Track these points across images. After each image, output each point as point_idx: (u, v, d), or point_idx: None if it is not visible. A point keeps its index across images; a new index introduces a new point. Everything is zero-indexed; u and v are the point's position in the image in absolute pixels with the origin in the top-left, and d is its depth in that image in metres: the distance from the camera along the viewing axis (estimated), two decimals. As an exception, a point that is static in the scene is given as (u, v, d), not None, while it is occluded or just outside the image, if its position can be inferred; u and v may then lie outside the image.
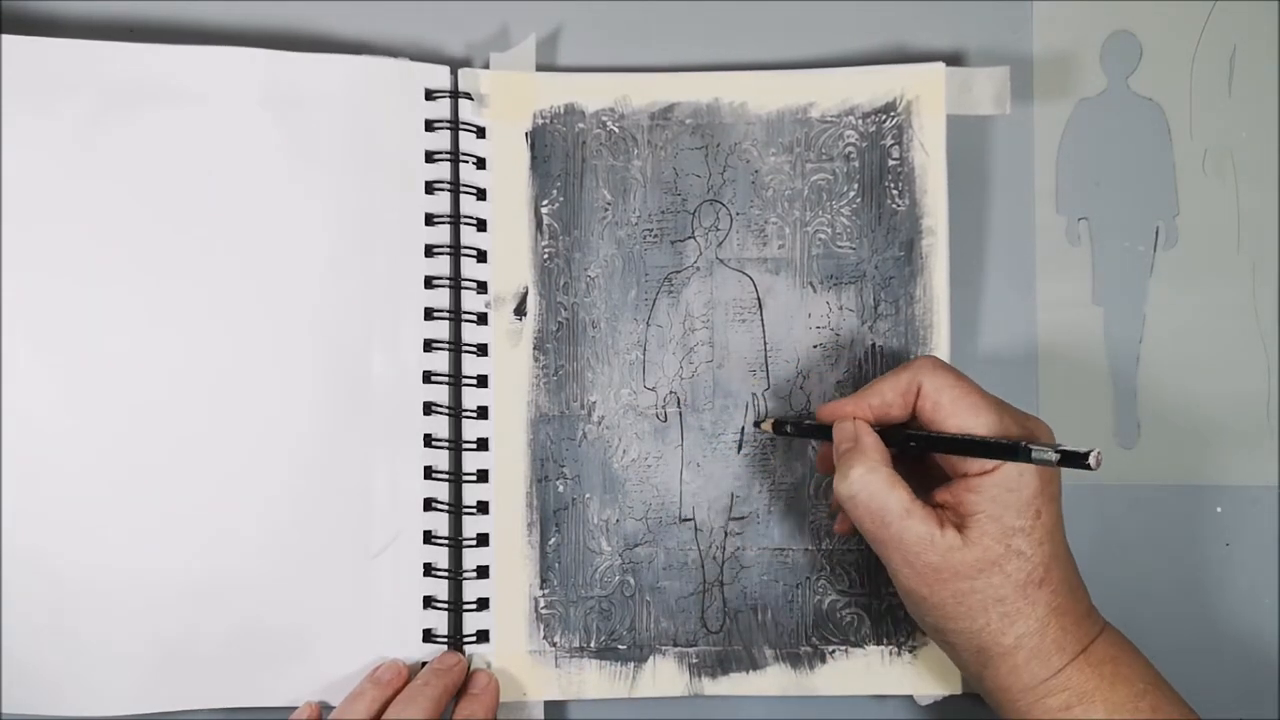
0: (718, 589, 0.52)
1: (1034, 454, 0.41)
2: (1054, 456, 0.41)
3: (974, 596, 0.43)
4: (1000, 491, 0.43)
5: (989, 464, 0.43)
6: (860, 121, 0.53)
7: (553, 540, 0.52)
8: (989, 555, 0.43)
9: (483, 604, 0.52)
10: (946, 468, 0.45)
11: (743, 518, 0.52)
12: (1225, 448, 0.54)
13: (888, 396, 0.46)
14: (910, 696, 0.52)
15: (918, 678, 0.52)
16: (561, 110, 0.53)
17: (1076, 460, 0.40)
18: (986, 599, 0.43)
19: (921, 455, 0.46)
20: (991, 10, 0.55)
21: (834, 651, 0.52)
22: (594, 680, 0.52)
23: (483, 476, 0.52)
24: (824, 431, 0.48)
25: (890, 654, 0.52)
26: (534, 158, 0.53)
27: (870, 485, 0.44)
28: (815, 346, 0.52)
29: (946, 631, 0.45)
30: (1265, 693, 0.53)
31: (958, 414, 0.44)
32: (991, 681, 0.44)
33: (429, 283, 0.52)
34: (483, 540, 0.52)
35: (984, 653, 0.44)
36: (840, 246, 0.53)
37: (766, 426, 0.51)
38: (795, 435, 0.51)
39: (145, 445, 0.50)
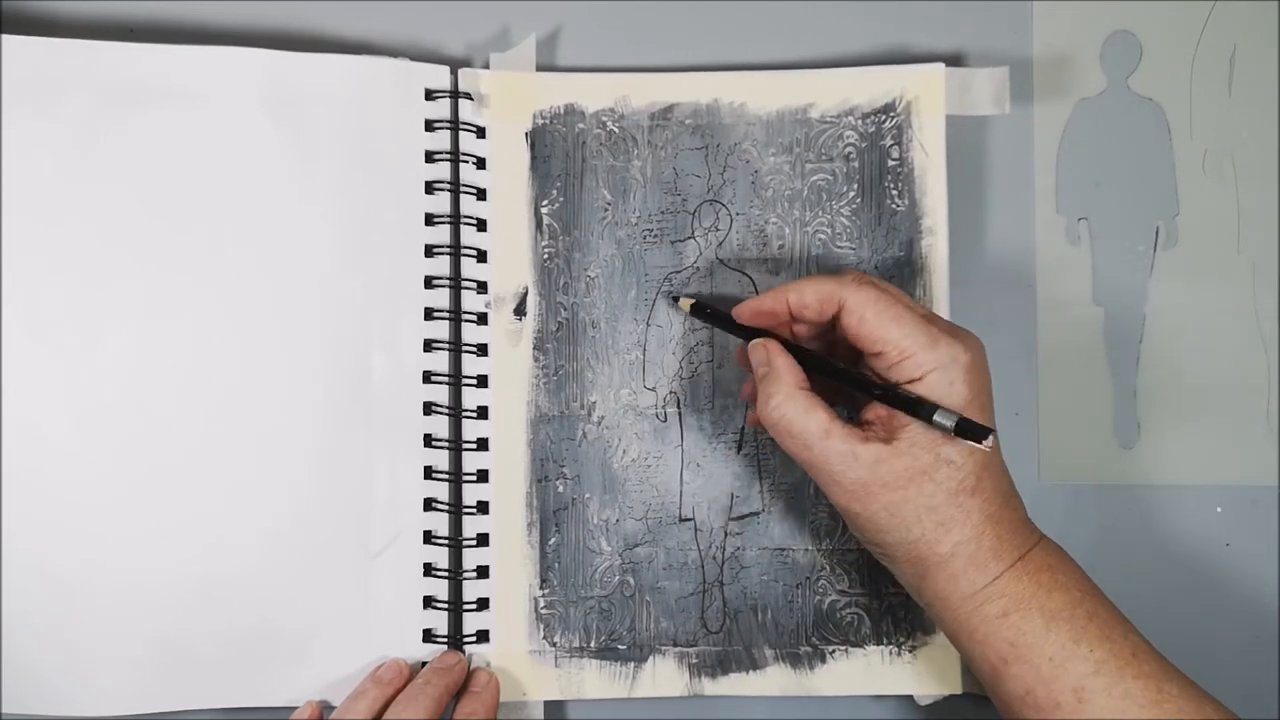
0: (718, 589, 0.52)
1: (935, 417, 0.42)
2: (951, 424, 0.42)
3: (906, 507, 0.43)
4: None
5: (917, 374, 0.43)
6: (860, 122, 0.53)
7: (553, 540, 0.52)
8: (918, 464, 0.43)
9: (483, 604, 0.52)
10: (876, 380, 0.45)
11: (743, 518, 0.52)
12: (1225, 448, 0.54)
13: (807, 298, 0.46)
14: (910, 696, 0.52)
15: (918, 678, 0.52)
16: (561, 110, 0.53)
17: (972, 434, 0.42)
18: (919, 508, 0.43)
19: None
20: (991, 10, 0.55)
21: (834, 651, 0.52)
22: (594, 680, 0.52)
23: (483, 476, 0.52)
24: (740, 329, 0.48)
25: (890, 654, 0.52)
26: (534, 158, 0.53)
27: (788, 411, 0.44)
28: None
29: (884, 545, 0.45)
30: (1265, 692, 0.53)
31: (883, 326, 0.44)
32: (930, 591, 0.45)
33: (429, 283, 0.52)
34: (483, 540, 0.52)
35: (921, 563, 0.44)
36: (840, 247, 0.53)
37: (685, 305, 0.51)
38: (710, 323, 0.51)
39: (144, 446, 0.50)
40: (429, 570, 0.51)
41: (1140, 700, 0.42)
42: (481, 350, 0.52)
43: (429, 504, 0.52)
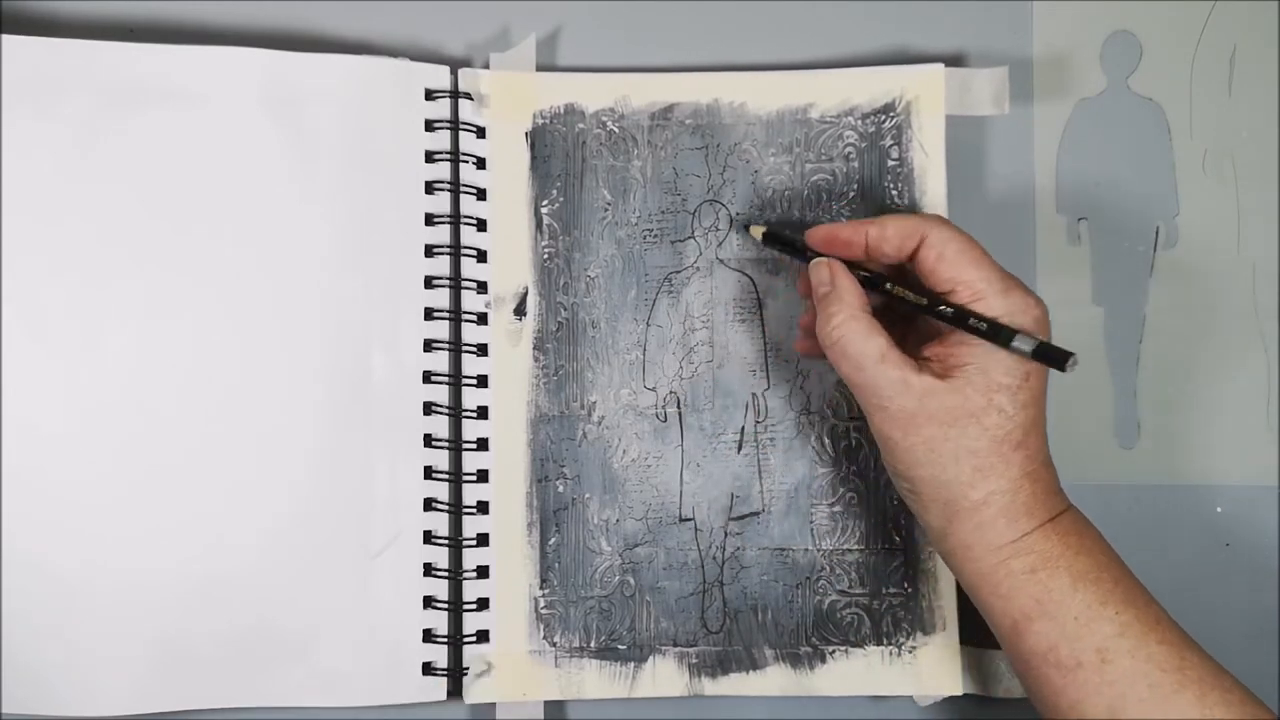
0: (718, 589, 0.52)
1: (1015, 342, 0.42)
2: (1029, 348, 0.42)
3: (946, 445, 0.43)
4: (992, 346, 0.43)
5: (986, 317, 0.43)
6: (860, 122, 0.53)
7: (553, 540, 0.52)
8: (969, 405, 0.43)
9: (483, 604, 0.52)
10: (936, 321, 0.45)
11: (743, 518, 0.52)
12: (1225, 448, 0.54)
13: (888, 232, 0.46)
14: (910, 697, 0.52)
15: (918, 678, 0.52)
16: (561, 110, 0.53)
17: (1053, 359, 0.41)
18: (959, 449, 0.43)
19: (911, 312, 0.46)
20: (991, 10, 0.55)
21: (834, 652, 0.52)
22: (594, 680, 0.52)
23: (483, 476, 0.52)
24: (807, 256, 0.48)
25: (890, 654, 0.52)
26: (534, 158, 0.53)
27: (848, 331, 0.45)
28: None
29: (915, 480, 0.45)
30: (1265, 693, 0.53)
31: (960, 266, 0.44)
32: (956, 538, 0.44)
33: (429, 283, 0.52)
34: (483, 540, 0.52)
35: (951, 505, 0.44)
36: (840, 246, 0.53)
37: (756, 232, 0.51)
38: (782, 250, 0.51)
39: (144, 445, 0.50)
40: (429, 570, 0.51)
41: (1163, 665, 0.42)
42: (481, 350, 0.52)
43: (429, 504, 0.52)
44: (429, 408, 0.52)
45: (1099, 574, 0.44)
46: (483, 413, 0.52)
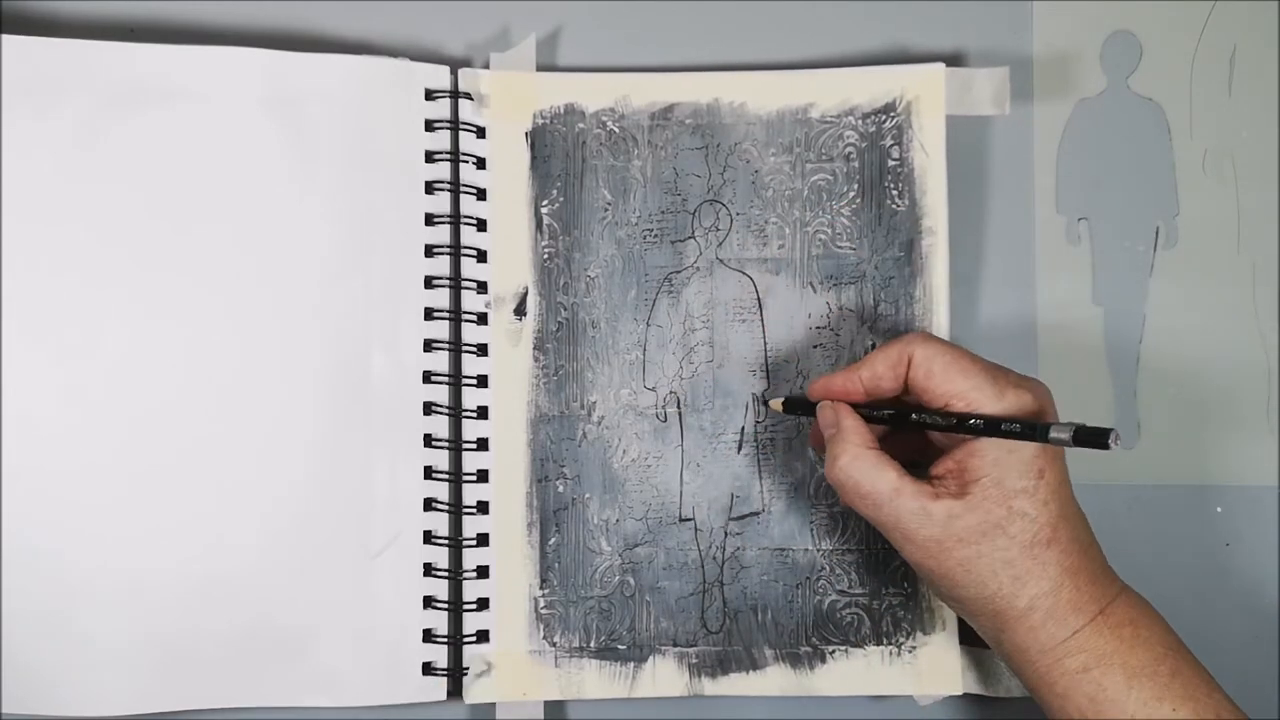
0: (718, 589, 0.52)
1: (1051, 434, 0.41)
2: (1069, 435, 0.41)
3: (980, 562, 0.43)
4: (1001, 454, 0.43)
5: (1019, 419, 0.43)
6: (860, 122, 0.53)
7: (553, 540, 0.52)
8: (991, 518, 0.43)
9: (483, 604, 0.52)
10: (943, 434, 0.45)
11: (743, 518, 0.52)
12: (1225, 448, 0.54)
13: (878, 369, 0.46)
14: (910, 697, 0.52)
15: (918, 678, 0.52)
16: (561, 110, 0.53)
17: (1095, 440, 0.40)
18: (994, 563, 0.43)
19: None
20: (991, 10, 0.55)
21: (834, 652, 0.52)
22: (594, 680, 0.52)
23: (483, 476, 0.52)
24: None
25: (890, 654, 0.52)
26: (534, 158, 0.53)
27: (857, 470, 0.44)
28: (815, 346, 0.52)
29: (961, 600, 0.45)
30: (1265, 692, 0.53)
31: (950, 379, 0.44)
32: (1009, 644, 0.44)
33: (429, 283, 0.52)
34: (483, 540, 0.52)
35: (1000, 617, 0.44)
36: (840, 247, 0.53)
37: (776, 405, 0.51)
38: (805, 413, 0.50)
39: (144, 445, 0.50)
40: (429, 570, 0.51)
41: None
42: (481, 350, 0.52)
43: (429, 504, 0.52)
44: (429, 408, 0.52)
45: (1155, 667, 0.43)
46: (483, 413, 0.52)
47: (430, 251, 0.52)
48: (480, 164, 0.53)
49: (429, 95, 0.52)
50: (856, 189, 0.53)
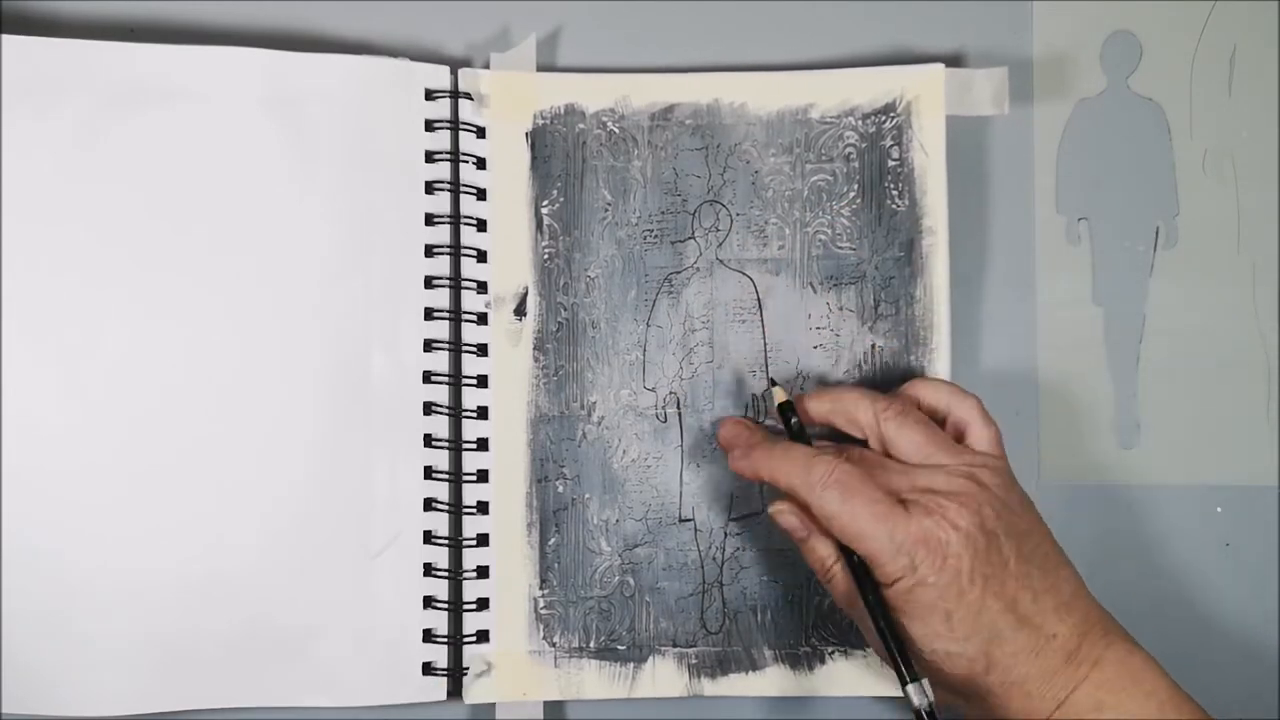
0: (717, 589, 0.52)
1: (909, 689, 0.44)
2: (923, 705, 0.44)
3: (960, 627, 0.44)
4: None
5: (889, 579, 0.44)
6: (860, 122, 0.53)
7: (552, 540, 0.52)
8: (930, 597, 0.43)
9: (483, 604, 0.52)
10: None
11: (742, 518, 0.52)
12: (1225, 448, 0.54)
13: (860, 416, 0.48)
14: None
15: (917, 678, 0.52)
16: (562, 110, 0.53)
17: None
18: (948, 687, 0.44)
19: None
20: (991, 10, 0.55)
21: (833, 652, 0.52)
22: (593, 680, 0.52)
23: (483, 476, 0.52)
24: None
25: (890, 654, 0.52)
26: (534, 158, 0.53)
27: (838, 572, 0.46)
28: (815, 347, 0.52)
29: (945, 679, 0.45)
30: (1265, 693, 0.53)
31: (853, 522, 0.44)
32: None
33: (429, 283, 0.52)
34: (483, 540, 0.52)
35: (984, 701, 0.45)
36: (840, 247, 0.53)
37: (779, 394, 0.50)
38: (785, 426, 0.50)
39: (145, 445, 0.50)
40: (429, 570, 0.51)
41: None
42: (481, 350, 0.52)
43: (429, 504, 0.52)
44: (429, 408, 0.52)
45: None
46: (483, 413, 0.52)
47: (430, 251, 0.52)
48: (480, 164, 0.53)
49: (429, 95, 0.52)
50: (856, 189, 0.53)
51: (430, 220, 0.52)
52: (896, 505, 0.44)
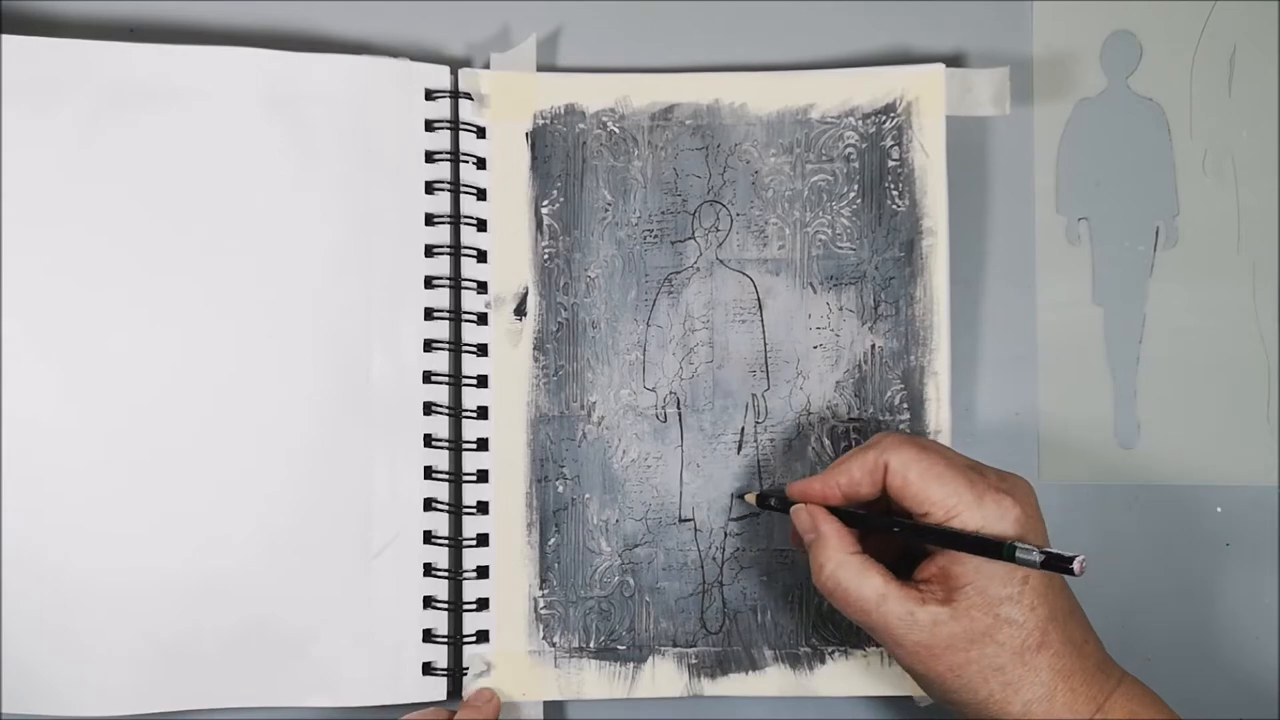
0: (717, 589, 0.52)
1: (1018, 554, 0.41)
2: (1038, 558, 0.41)
3: (970, 668, 0.42)
4: (982, 560, 0.42)
5: (992, 539, 0.42)
6: (860, 122, 0.53)
7: (552, 540, 0.52)
8: (977, 627, 0.42)
9: (482, 604, 0.52)
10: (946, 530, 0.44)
11: (742, 518, 0.52)
12: (1225, 448, 0.54)
13: (855, 475, 0.45)
14: (909, 697, 0.52)
15: (917, 678, 0.52)
16: (562, 110, 0.53)
17: (1060, 564, 0.40)
18: (984, 669, 0.42)
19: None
20: (991, 10, 0.55)
21: (833, 652, 0.52)
22: (593, 680, 0.52)
23: (483, 476, 0.52)
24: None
25: (889, 655, 0.52)
26: (534, 158, 0.53)
27: (843, 578, 0.44)
28: (815, 347, 0.52)
29: (954, 704, 0.44)
30: (1265, 693, 0.53)
31: (926, 487, 0.43)
32: None
33: (429, 283, 0.52)
34: (483, 540, 0.52)
35: None
36: (840, 247, 0.53)
37: (750, 499, 0.51)
38: (778, 510, 0.49)
39: (145, 445, 0.50)
40: (429, 570, 0.51)
41: None
42: (481, 350, 0.52)
43: (429, 504, 0.52)
44: (429, 408, 0.52)
45: None
46: (483, 413, 0.52)
47: (430, 251, 0.52)
48: (480, 164, 0.53)
49: (429, 95, 0.52)
50: (856, 189, 0.53)
51: (430, 220, 0.52)
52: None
